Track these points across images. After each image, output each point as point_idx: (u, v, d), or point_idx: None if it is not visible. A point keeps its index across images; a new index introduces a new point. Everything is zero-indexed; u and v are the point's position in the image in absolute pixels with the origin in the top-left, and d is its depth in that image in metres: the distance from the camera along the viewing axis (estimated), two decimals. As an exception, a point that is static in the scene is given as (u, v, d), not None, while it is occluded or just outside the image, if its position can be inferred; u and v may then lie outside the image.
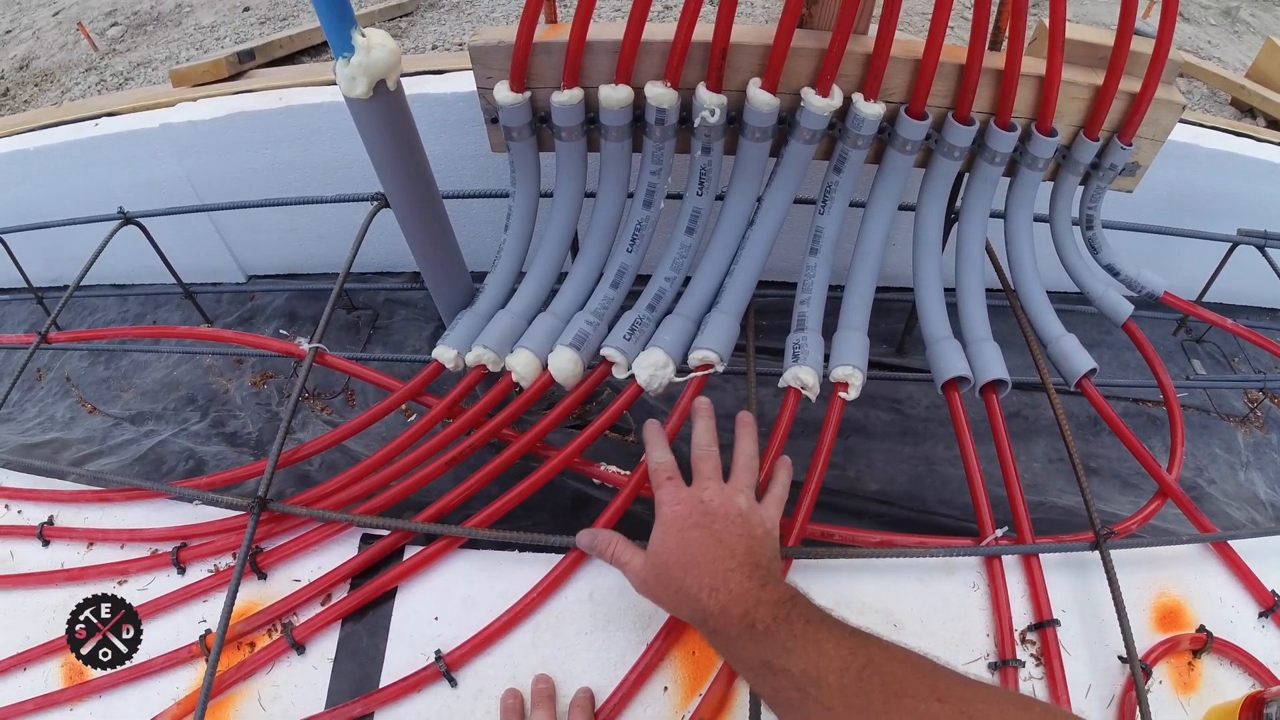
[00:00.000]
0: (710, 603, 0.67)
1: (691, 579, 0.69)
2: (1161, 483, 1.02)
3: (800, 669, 0.60)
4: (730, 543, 0.71)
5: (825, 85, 0.94)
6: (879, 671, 0.58)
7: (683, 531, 0.72)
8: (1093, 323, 1.65)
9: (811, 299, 1.02)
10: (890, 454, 1.45)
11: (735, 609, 0.66)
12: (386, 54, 0.80)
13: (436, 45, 4.39)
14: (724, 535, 0.71)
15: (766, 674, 0.62)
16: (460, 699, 0.85)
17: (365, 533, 0.96)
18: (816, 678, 0.59)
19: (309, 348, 1.05)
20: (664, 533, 0.74)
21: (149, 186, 1.65)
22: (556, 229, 1.09)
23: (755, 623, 0.64)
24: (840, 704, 0.58)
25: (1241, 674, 0.92)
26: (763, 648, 0.63)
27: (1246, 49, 4.88)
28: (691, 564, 0.70)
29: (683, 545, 0.71)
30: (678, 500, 0.75)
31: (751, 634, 0.64)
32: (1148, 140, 1.08)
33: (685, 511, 0.74)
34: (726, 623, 0.66)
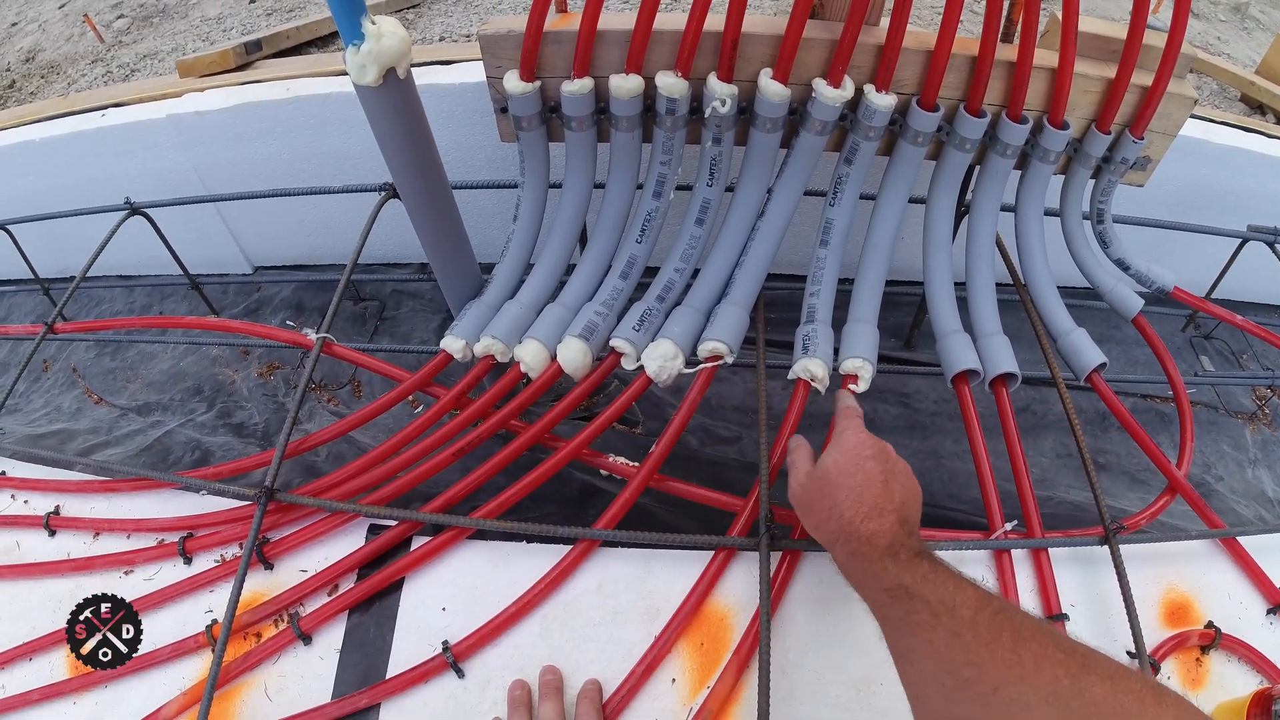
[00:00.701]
0: (862, 526, 0.70)
1: (851, 502, 0.72)
2: (1171, 478, 1.01)
3: (937, 597, 0.62)
4: (894, 488, 0.74)
5: (837, 76, 0.94)
6: (1011, 618, 0.60)
7: (859, 459, 0.75)
8: (1101, 318, 1.65)
9: (821, 291, 1.02)
10: (899, 448, 1.41)
11: (881, 539, 0.69)
12: (397, 41, 0.79)
13: (444, 36, 4.39)
14: (891, 480, 0.74)
15: (901, 595, 0.65)
16: (468, 690, 0.85)
17: (372, 523, 0.96)
18: (951, 607, 0.61)
19: (316, 338, 1.05)
20: (840, 454, 0.77)
21: (155, 177, 1.65)
22: (566, 219, 1.08)
23: (899, 553, 0.67)
24: (970, 634, 0.59)
25: (1249, 670, 0.92)
26: (903, 572, 0.66)
27: (1256, 45, 4.86)
28: (857, 490, 0.73)
29: (855, 470, 0.74)
30: (861, 433, 0.79)
31: (894, 559, 0.67)
32: (1159, 134, 1.07)
33: (869, 444, 0.77)
34: (870, 546, 0.69)
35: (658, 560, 0.92)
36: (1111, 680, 0.53)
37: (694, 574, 0.89)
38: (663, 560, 0.92)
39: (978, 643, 0.59)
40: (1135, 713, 0.51)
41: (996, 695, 0.55)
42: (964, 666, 0.58)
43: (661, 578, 0.90)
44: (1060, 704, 0.53)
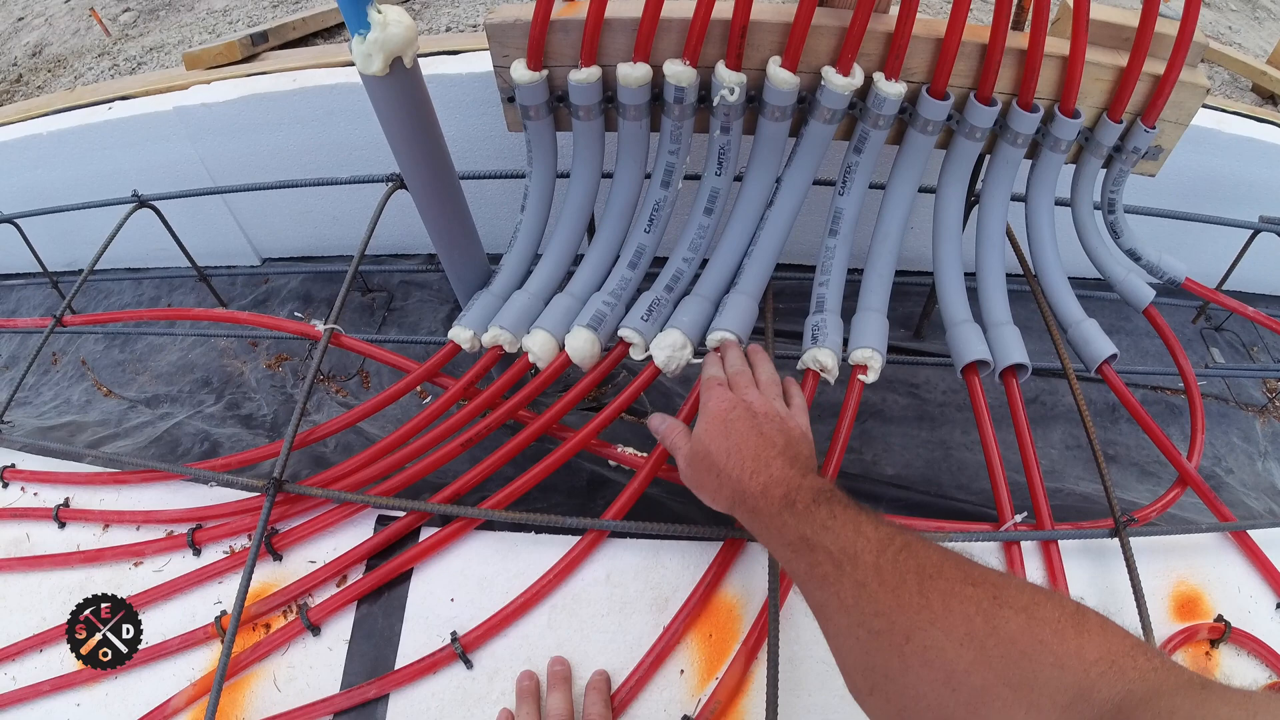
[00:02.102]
0: (751, 483, 0.70)
1: (734, 463, 0.72)
2: (1181, 470, 1.01)
3: (838, 546, 0.61)
4: (771, 435, 0.74)
5: (846, 64, 0.93)
6: (915, 555, 0.58)
7: (727, 422, 0.76)
8: (1111, 309, 1.64)
9: (830, 281, 1.01)
10: (907, 438, 1.44)
11: (776, 490, 0.68)
12: (403, 30, 0.79)
13: (450, 27, 4.38)
14: (765, 428, 0.75)
15: (803, 549, 0.63)
16: (476, 681, 0.85)
17: (381, 514, 0.96)
18: (854, 555, 0.60)
19: (324, 329, 1.05)
20: (708, 422, 0.77)
21: (163, 169, 1.65)
22: (573, 209, 1.08)
23: (795, 502, 0.66)
24: (874, 581, 0.58)
25: (1259, 665, 0.91)
26: (802, 523, 0.64)
27: (1268, 35, 4.82)
28: (734, 450, 0.73)
29: (726, 433, 0.75)
30: (722, 398, 0.79)
31: (791, 510, 0.66)
32: (1171, 123, 1.06)
33: (729, 406, 0.78)
34: (766, 501, 0.68)
35: (666, 551, 0.91)
36: (1027, 611, 0.52)
37: (703, 564, 0.89)
38: (671, 551, 0.91)
39: (883, 590, 0.57)
40: (1054, 646, 0.49)
41: (910, 644, 0.54)
42: (873, 617, 0.56)
43: (670, 568, 0.90)
44: (975, 645, 0.51)
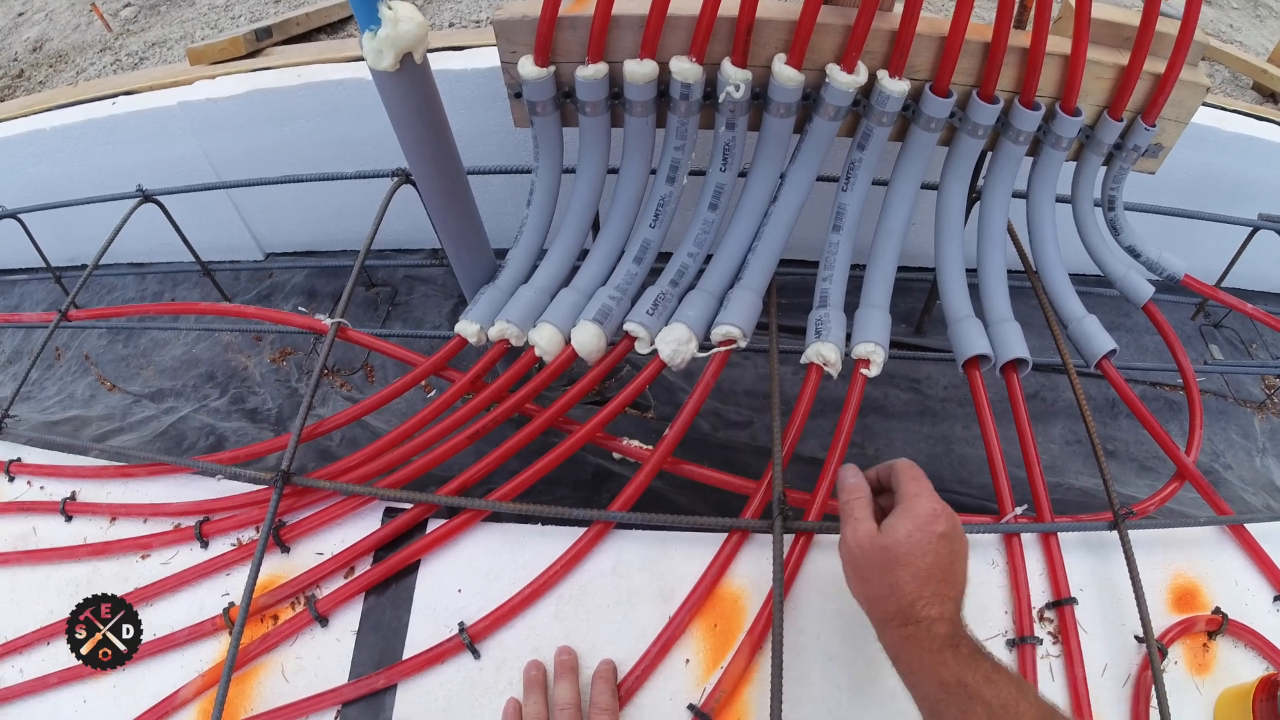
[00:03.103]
0: (925, 611, 0.66)
1: (915, 583, 0.67)
2: (1180, 465, 1.02)
3: (999, 701, 0.60)
4: (958, 572, 0.70)
5: (850, 62, 0.94)
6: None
7: (932, 536, 0.69)
8: (1111, 305, 1.65)
9: (834, 276, 1.02)
10: (908, 433, 1.45)
11: (942, 627, 0.65)
12: (414, 26, 0.80)
13: (454, 22, 4.36)
14: (957, 563, 0.70)
15: (960, 694, 0.62)
16: (483, 671, 0.86)
17: (388, 506, 0.97)
18: (1015, 715, 0.59)
19: (331, 323, 1.06)
20: (912, 523, 0.70)
21: (167, 165, 1.66)
22: (579, 204, 1.09)
23: (960, 645, 0.64)
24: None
25: (1256, 656, 0.92)
26: (964, 668, 0.63)
27: (1269, 33, 4.81)
28: (924, 571, 0.68)
29: (927, 548, 0.68)
30: (936, 500, 0.72)
31: (955, 652, 0.64)
32: (1171, 122, 1.07)
33: (943, 516, 0.71)
34: (930, 634, 0.65)
35: (672, 542, 0.92)
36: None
37: (708, 556, 0.90)
38: (677, 542, 0.92)
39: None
40: None
41: None
42: None
43: (675, 559, 0.91)
44: None
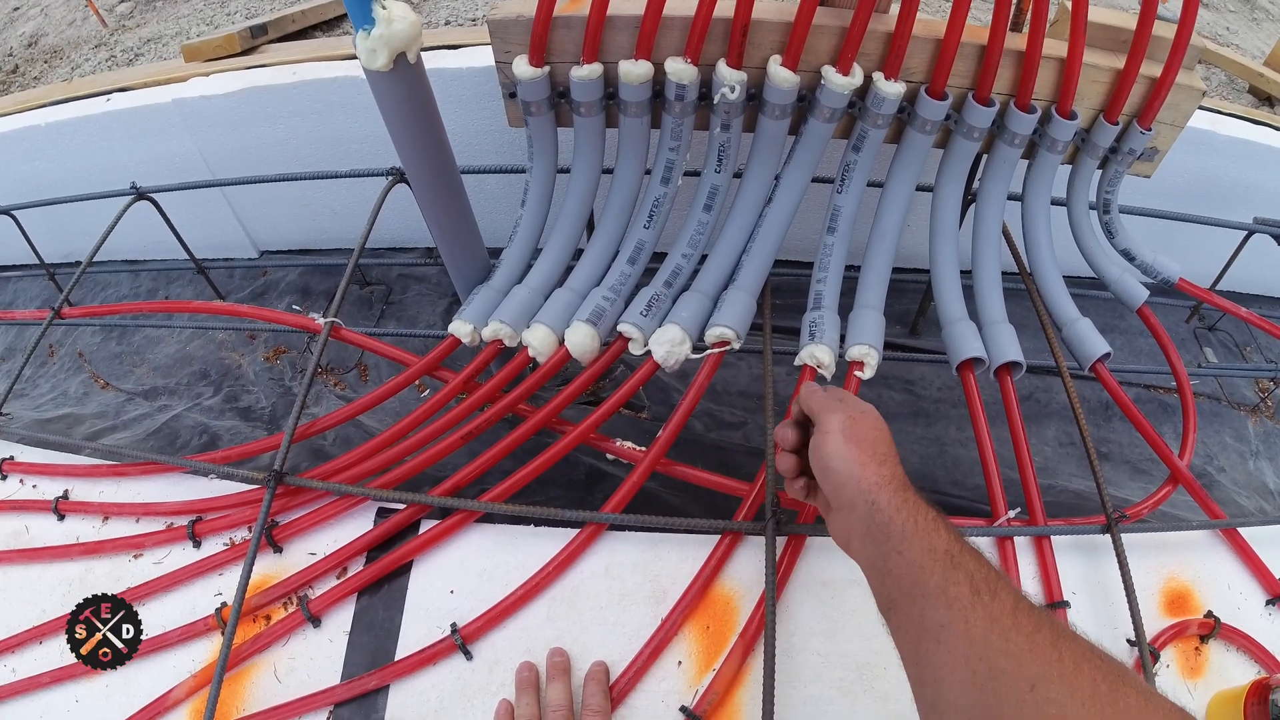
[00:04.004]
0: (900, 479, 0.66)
1: (895, 455, 0.68)
2: (1173, 468, 1.02)
3: (983, 576, 0.58)
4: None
5: (846, 63, 0.94)
6: (1048, 615, 0.56)
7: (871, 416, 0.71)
8: (1105, 308, 1.65)
9: (828, 278, 1.02)
10: (902, 434, 1.45)
11: (931, 504, 0.65)
12: (407, 26, 0.80)
13: (450, 20, 4.35)
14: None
15: (946, 564, 0.59)
16: (475, 672, 0.86)
17: (381, 506, 0.97)
18: (994, 589, 0.57)
19: (325, 322, 1.05)
20: (869, 410, 0.72)
21: (161, 162, 1.65)
22: (574, 204, 1.09)
23: (947, 520, 0.63)
24: (1010, 620, 0.55)
25: (1248, 660, 0.92)
26: (954, 541, 0.61)
27: (1265, 36, 4.82)
28: (883, 439, 0.69)
29: (874, 423, 0.70)
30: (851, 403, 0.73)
31: (946, 525, 0.63)
32: (1167, 125, 1.07)
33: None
34: (926, 502, 0.64)
35: (664, 544, 0.92)
36: (1146, 696, 0.51)
37: (700, 557, 0.90)
38: (669, 544, 0.92)
39: (1018, 632, 0.55)
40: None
41: (1033, 693, 0.52)
42: (1000, 655, 0.54)
43: (668, 561, 0.91)
44: (1097, 710, 0.50)
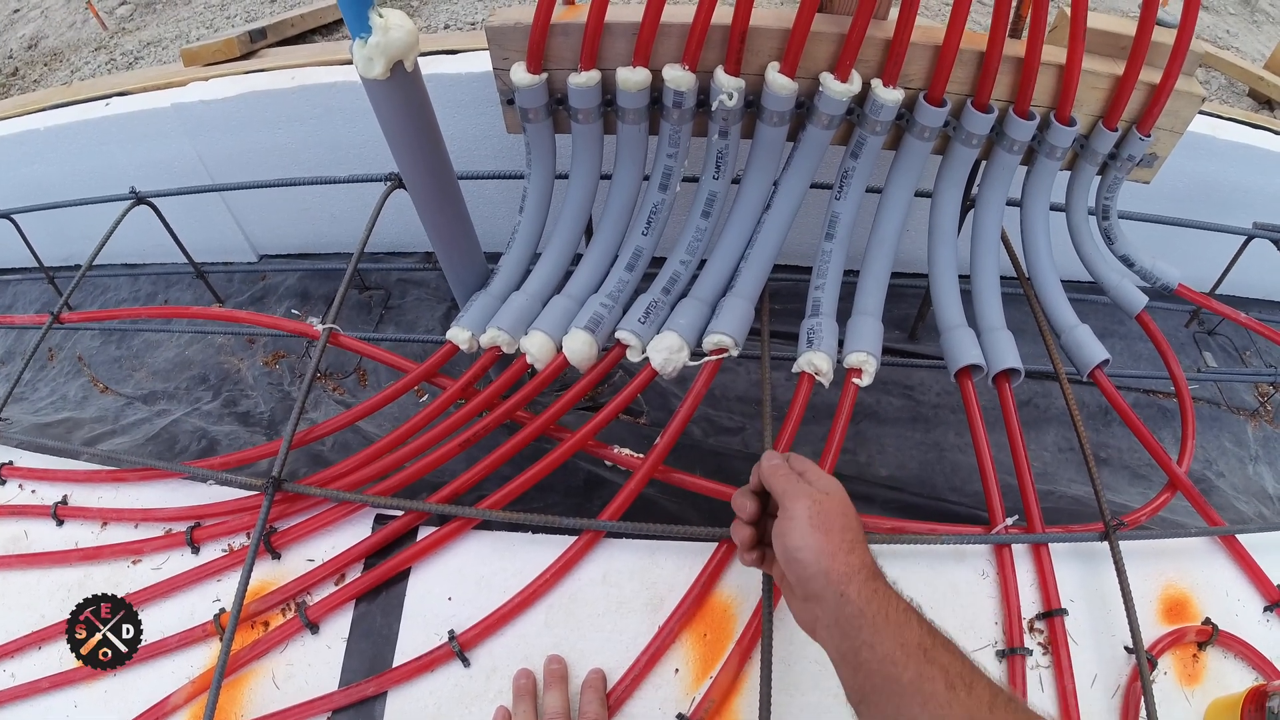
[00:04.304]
0: (880, 569, 0.64)
1: (864, 540, 0.66)
2: (1171, 475, 1.02)
3: (957, 670, 0.57)
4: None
5: (844, 70, 0.94)
6: (1024, 710, 0.56)
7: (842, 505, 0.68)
8: (1105, 313, 1.65)
9: (827, 284, 1.02)
10: (901, 440, 1.45)
11: (898, 594, 0.63)
12: (404, 34, 0.80)
13: (449, 25, 4.35)
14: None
15: (919, 658, 0.58)
16: (473, 679, 0.86)
17: (379, 513, 0.97)
18: (970, 685, 0.56)
19: (323, 328, 1.06)
20: (837, 489, 0.69)
21: (161, 166, 1.65)
22: (572, 211, 1.09)
23: (920, 612, 0.62)
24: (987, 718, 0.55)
25: (1246, 667, 0.92)
26: (926, 635, 0.60)
27: (1266, 39, 4.82)
28: (849, 526, 0.66)
29: (842, 511, 0.67)
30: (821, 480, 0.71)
31: (919, 618, 0.62)
32: (1166, 131, 1.07)
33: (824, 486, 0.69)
34: (896, 592, 0.63)
35: (662, 551, 0.92)
36: None
37: (698, 565, 0.90)
38: (667, 551, 0.92)
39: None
40: None
41: None
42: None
43: (665, 568, 0.91)
44: None
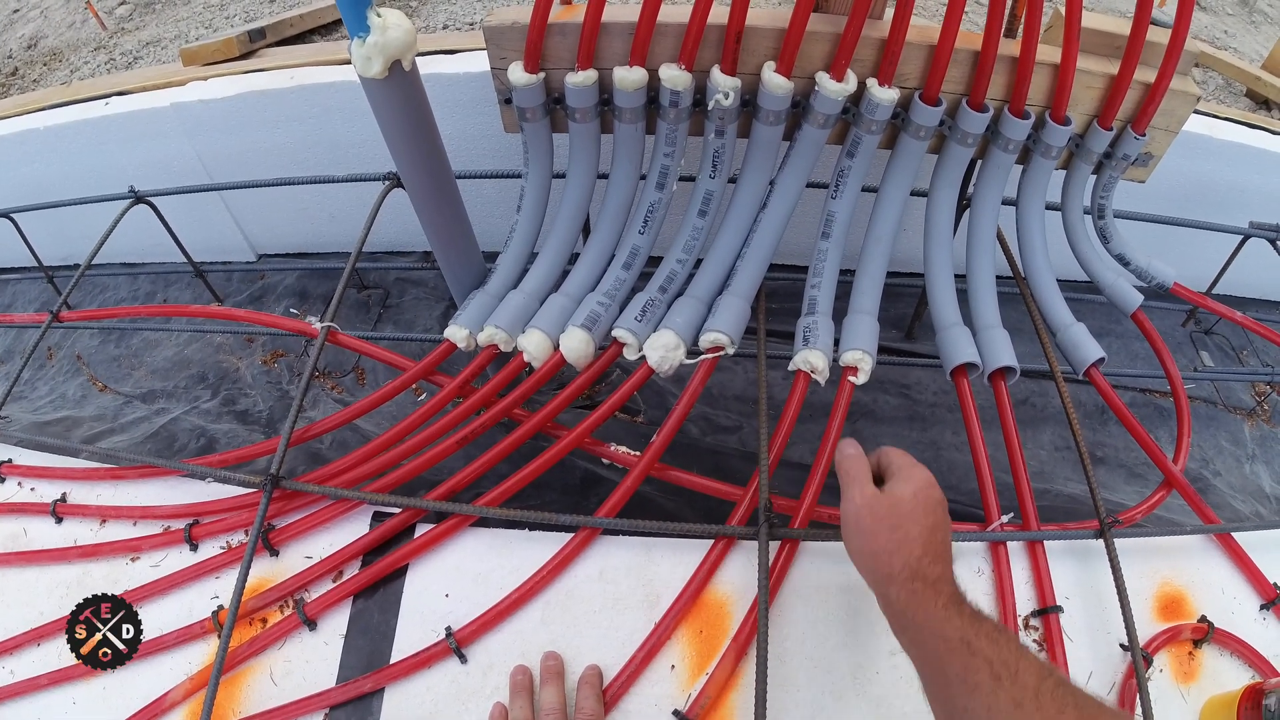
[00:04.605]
0: (930, 568, 0.67)
1: (923, 539, 0.68)
2: (1166, 473, 1.02)
3: (1001, 659, 0.60)
4: (947, 534, 0.72)
5: (840, 69, 0.94)
6: (1073, 692, 0.58)
7: (933, 500, 0.72)
8: (1102, 312, 1.65)
9: (823, 283, 1.02)
10: (898, 438, 1.45)
11: (946, 586, 0.66)
12: (402, 34, 0.80)
13: (448, 25, 4.35)
14: (949, 533, 0.72)
15: (963, 650, 0.61)
16: (470, 675, 0.86)
17: (377, 510, 0.97)
18: (1015, 673, 0.59)
19: (321, 327, 1.06)
20: (913, 486, 0.72)
21: (160, 165, 1.65)
22: (569, 210, 1.09)
23: (964, 604, 0.65)
24: (1033, 704, 0.58)
25: (1242, 665, 0.92)
26: (968, 627, 0.63)
27: (1264, 40, 4.83)
28: (929, 528, 0.69)
29: (930, 508, 0.71)
30: (927, 474, 0.74)
31: (959, 611, 0.64)
32: (1162, 131, 1.07)
33: (934, 486, 0.73)
34: (936, 591, 0.66)
35: (658, 548, 0.93)
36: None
37: (694, 562, 0.90)
38: (663, 548, 0.93)
39: (1041, 715, 0.57)
40: None
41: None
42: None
43: (662, 565, 0.91)
44: None
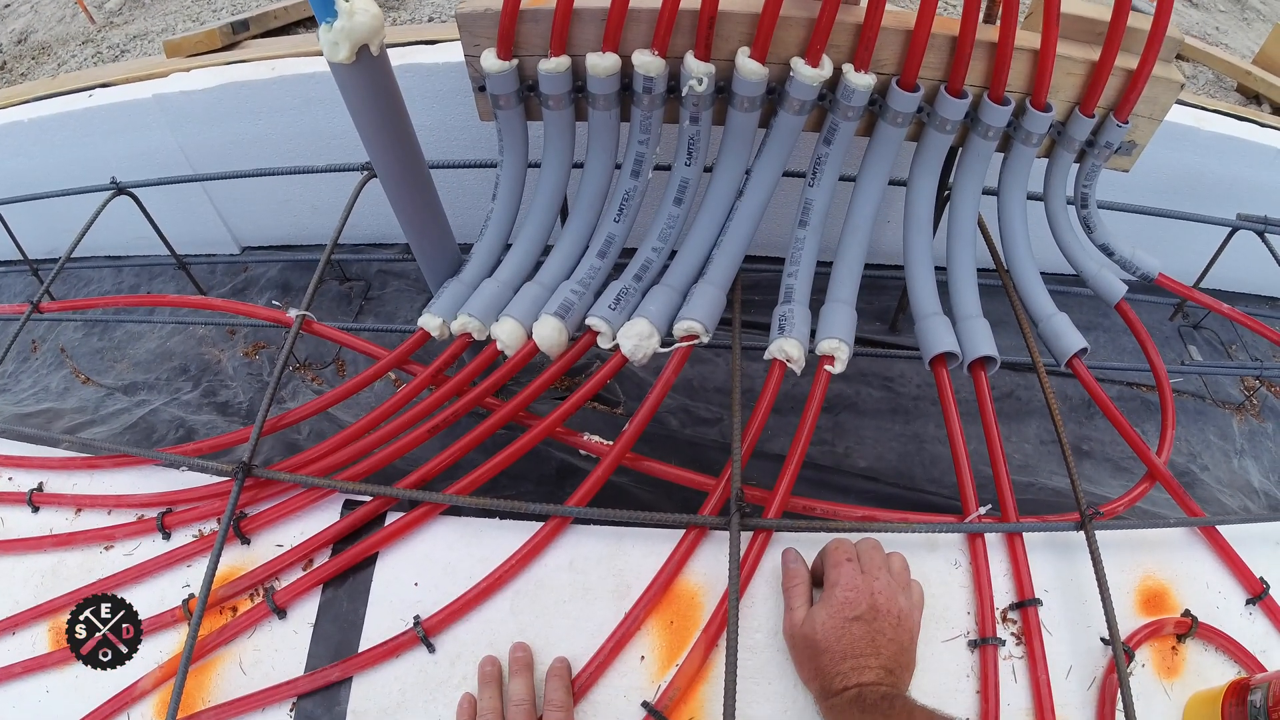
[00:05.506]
0: (840, 684, 0.73)
1: (832, 664, 0.75)
2: (1150, 465, 1.01)
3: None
4: (880, 645, 0.75)
5: (815, 55, 0.93)
6: None
7: (843, 621, 0.76)
8: (1090, 305, 1.65)
9: (800, 271, 1.02)
10: (880, 431, 1.44)
11: (871, 693, 0.72)
12: (369, 19, 0.79)
13: (433, 17, 4.34)
14: (878, 638, 0.76)
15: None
16: (438, 665, 0.85)
17: (348, 499, 0.96)
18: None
19: (296, 315, 1.05)
20: (829, 615, 0.77)
21: (143, 157, 1.65)
22: (544, 198, 1.08)
23: (864, 697, 0.71)
24: None
25: (1226, 660, 0.91)
26: (867, 717, 0.69)
27: (1255, 36, 4.81)
28: (840, 652, 0.75)
29: (840, 634, 0.76)
30: (851, 587, 0.78)
31: (859, 705, 0.71)
32: (1145, 119, 1.07)
33: (854, 600, 0.77)
34: (845, 701, 0.72)
35: (629, 538, 0.92)
36: None
37: (665, 552, 0.89)
38: (634, 538, 0.92)
39: None
40: None
41: None
42: None
43: (632, 555, 0.91)
44: None
